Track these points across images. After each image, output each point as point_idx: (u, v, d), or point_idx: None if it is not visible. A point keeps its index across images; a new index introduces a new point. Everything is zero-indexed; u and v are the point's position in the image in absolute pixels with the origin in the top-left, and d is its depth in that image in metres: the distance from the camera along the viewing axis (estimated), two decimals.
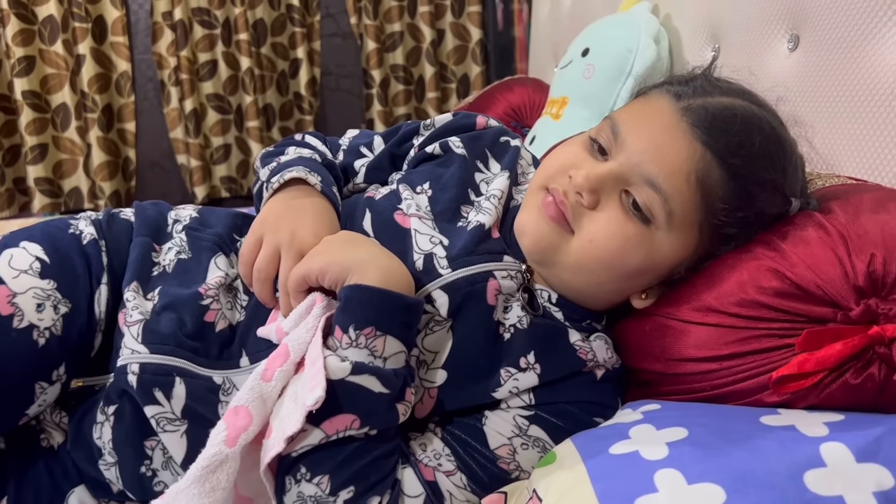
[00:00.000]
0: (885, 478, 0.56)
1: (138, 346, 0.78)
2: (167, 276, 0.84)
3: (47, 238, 0.83)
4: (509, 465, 0.76)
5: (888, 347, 0.67)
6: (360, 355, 0.71)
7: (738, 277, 0.75)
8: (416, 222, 0.83)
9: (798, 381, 0.69)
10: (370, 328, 0.71)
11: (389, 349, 0.72)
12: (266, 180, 0.89)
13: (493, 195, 0.85)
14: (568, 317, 0.82)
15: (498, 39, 3.07)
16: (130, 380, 0.76)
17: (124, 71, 2.78)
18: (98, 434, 0.78)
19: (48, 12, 2.63)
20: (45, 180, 2.72)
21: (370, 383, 0.70)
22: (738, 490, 0.57)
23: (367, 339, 0.71)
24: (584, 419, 0.78)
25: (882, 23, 0.93)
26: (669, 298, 0.80)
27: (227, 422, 0.69)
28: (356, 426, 0.70)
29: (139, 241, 0.86)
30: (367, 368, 0.70)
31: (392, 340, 0.72)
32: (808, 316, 0.70)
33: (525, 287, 0.82)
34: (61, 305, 0.78)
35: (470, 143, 0.92)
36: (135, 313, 0.80)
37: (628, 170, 0.75)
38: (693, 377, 0.76)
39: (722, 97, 0.79)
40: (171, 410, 0.76)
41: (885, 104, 0.92)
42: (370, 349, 0.71)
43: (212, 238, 0.88)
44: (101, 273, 0.83)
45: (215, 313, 0.81)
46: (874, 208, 0.74)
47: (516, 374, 0.78)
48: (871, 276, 0.68)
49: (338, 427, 0.69)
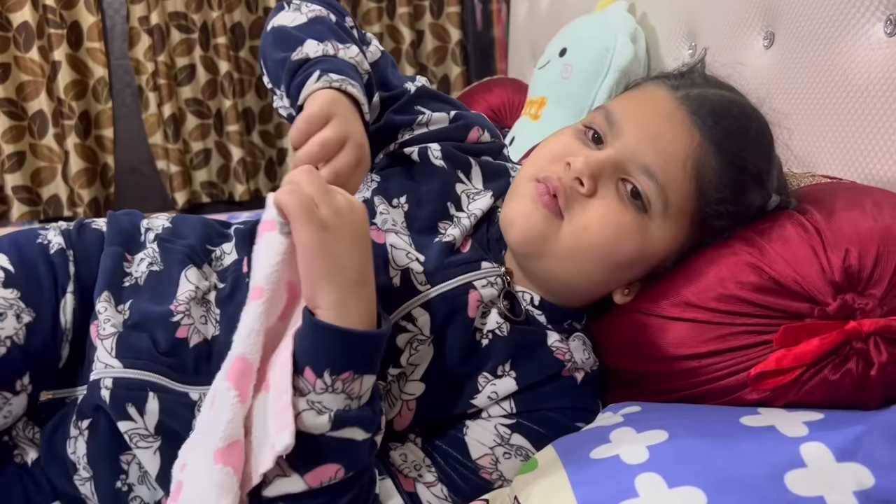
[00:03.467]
0: (865, 477, 0.57)
1: (112, 360, 0.76)
2: (139, 290, 0.82)
3: (13, 247, 0.81)
4: (492, 476, 0.76)
5: (865, 342, 0.67)
6: (336, 402, 0.63)
7: (718, 273, 0.75)
8: (392, 237, 0.81)
9: (777, 377, 0.69)
10: (348, 373, 0.63)
11: (365, 387, 0.65)
12: (323, 71, 0.77)
13: (473, 214, 0.84)
14: (550, 319, 0.82)
15: (477, 40, 3.07)
16: (103, 394, 0.75)
17: (101, 77, 2.75)
18: (72, 449, 0.77)
19: (23, 19, 2.59)
20: (23, 188, 2.68)
21: (353, 434, 0.64)
22: (718, 492, 0.57)
23: (344, 385, 0.63)
24: (565, 424, 0.77)
25: (856, 19, 0.93)
26: (649, 294, 0.80)
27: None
28: (341, 475, 0.65)
29: (111, 251, 0.85)
30: (349, 419, 0.64)
31: (368, 378, 0.65)
32: (786, 311, 0.71)
33: (506, 292, 0.81)
34: (24, 314, 0.77)
35: (452, 155, 0.88)
36: (107, 326, 0.78)
37: (627, 157, 0.74)
38: (673, 376, 0.76)
39: (717, 89, 0.79)
40: (143, 426, 0.75)
41: (859, 101, 0.92)
42: (347, 393, 0.64)
43: (183, 250, 0.86)
44: (66, 282, 0.81)
45: (187, 328, 0.79)
46: (848, 206, 0.74)
47: (493, 381, 0.77)
48: (846, 272, 0.69)
49: (321, 479, 0.64)
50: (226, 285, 0.83)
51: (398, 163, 0.90)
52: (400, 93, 0.92)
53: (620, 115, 0.77)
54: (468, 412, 0.78)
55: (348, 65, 0.81)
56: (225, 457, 0.63)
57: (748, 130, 0.75)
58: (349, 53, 0.83)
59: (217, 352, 0.79)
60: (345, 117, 0.72)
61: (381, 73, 0.93)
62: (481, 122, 0.94)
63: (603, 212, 0.74)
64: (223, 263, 0.87)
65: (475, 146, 0.91)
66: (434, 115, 0.91)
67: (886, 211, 0.72)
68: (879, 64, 0.90)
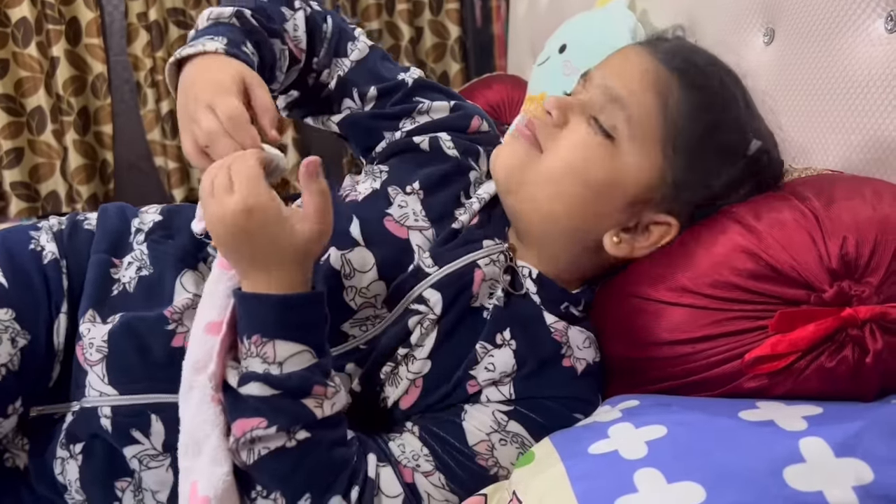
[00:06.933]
0: (864, 472, 0.56)
1: (105, 387, 0.76)
2: (128, 297, 0.81)
3: (5, 256, 0.80)
4: (487, 462, 0.76)
5: (861, 329, 0.68)
6: (254, 364, 0.70)
7: (713, 259, 0.75)
8: (417, 237, 0.83)
9: (771, 362, 0.69)
10: (256, 336, 0.70)
11: (282, 353, 0.70)
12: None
13: (482, 198, 0.87)
14: (546, 298, 0.83)
15: (477, 36, 3.06)
16: (104, 424, 0.74)
17: (100, 73, 2.75)
18: (60, 470, 0.76)
19: (21, 14, 2.58)
20: (21, 184, 2.68)
21: (255, 390, 0.69)
22: (717, 487, 0.57)
23: (256, 347, 0.70)
24: (563, 415, 0.78)
25: (857, 15, 0.93)
26: (646, 278, 0.81)
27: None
28: (263, 426, 0.68)
29: (96, 260, 0.83)
30: (253, 377, 0.69)
31: (282, 344, 0.70)
32: (782, 298, 0.71)
33: (508, 267, 0.83)
34: (20, 338, 0.75)
35: (462, 143, 0.91)
36: (93, 351, 0.77)
37: (595, 96, 0.81)
38: (669, 361, 0.76)
39: (689, 48, 0.86)
40: (151, 447, 0.75)
41: (860, 97, 0.92)
42: (262, 356, 0.70)
43: (175, 252, 0.85)
44: (60, 300, 0.80)
45: (182, 336, 0.78)
46: (848, 195, 0.74)
47: (492, 351, 0.79)
48: (843, 259, 0.69)
49: (243, 429, 0.69)
50: None
51: (405, 151, 0.91)
52: (397, 84, 0.94)
53: (593, 70, 0.85)
54: (468, 390, 0.79)
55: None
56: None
57: (715, 67, 0.82)
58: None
59: None
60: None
61: (371, 68, 0.95)
62: (480, 112, 0.96)
63: (573, 138, 0.80)
64: None
65: (475, 136, 0.93)
66: (434, 104, 0.93)
67: (886, 200, 0.72)
68: (880, 60, 0.90)
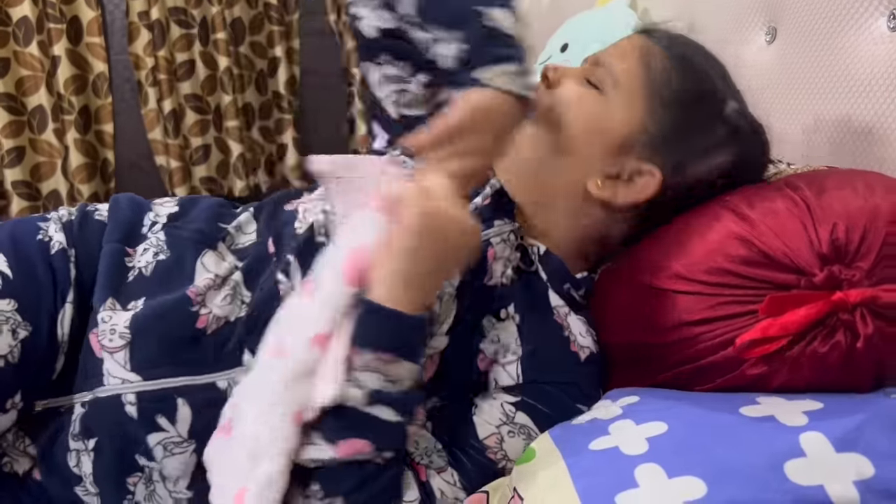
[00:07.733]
0: (865, 467, 0.57)
1: (128, 374, 0.74)
2: (146, 281, 0.80)
3: (12, 245, 0.78)
4: (496, 455, 0.77)
5: (852, 314, 0.68)
6: (374, 381, 0.67)
7: (707, 246, 0.76)
8: None
9: (763, 346, 0.70)
10: (388, 354, 0.67)
11: (404, 373, 0.68)
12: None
13: (493, 185, 0.88)
14: (551, 274, 0.85)
15: None
16: (129, 411, 0.73)
17: (101, 72, 2.75)
18: (75, 462, 0.75)
19: (22, 13, 2.58)
20: (22, 183, 2.68)
21: (383, 413, 0.67)
22: (718, 482, 0.57)
23: (382, 364, 0.67)
24: (567, 404, 0.79)
25: (859, 14, 0.93)
26: (641, 265, 0.82)
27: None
28: (367, 450, 0.67)
29: (109, 249, 0.82)
30: (382, 398, 0.67)
31: (407, 364, 0.68)
32: (773, 282, 0.72)
33: (519, 245, 0.85)
34: (20, 329, 0.74)
35: None
36: (115, 337, 0.76)
37: (586, 67, 0.89)
38: (669, 347, 0.77)
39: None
40: (177, 434, 0.74)
41: (861, 96, 0.92)
42: (384, 374, 0.67)
43: (193, 235, 0.84)
44: (66, 290, 0.78)
45: (206, 318, 0.78)
46: (839, 185, 0.75)
47: (496, 324, 0.81)
48: (834, 244, 0.70)
49: (348, 451, 0.67)
50: (249, 264, 0.82)
51: None
52: None
53: (589, 57, 0.91)
54: (479, 366, 0.80)
55: None
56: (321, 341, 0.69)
57: (701, 48, 0.88)
58: None
59: (238, 334, 0.78)
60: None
61: None
62: None
63: (564, 90, 0.87)
64: (239, 242, 0.86)
65: None
66: None
67: (878, 192, 0.73)
68: (882, 59, 0.90)
